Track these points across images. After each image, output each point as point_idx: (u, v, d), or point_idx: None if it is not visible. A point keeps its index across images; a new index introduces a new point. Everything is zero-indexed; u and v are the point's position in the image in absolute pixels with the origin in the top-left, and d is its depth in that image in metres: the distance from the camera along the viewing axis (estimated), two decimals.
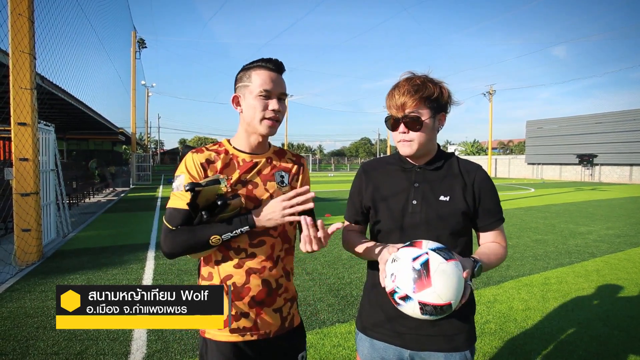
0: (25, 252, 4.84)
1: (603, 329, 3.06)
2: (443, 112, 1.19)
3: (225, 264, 1.20)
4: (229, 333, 1.19)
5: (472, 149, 57.58)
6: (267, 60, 1.20)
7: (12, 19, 4.70)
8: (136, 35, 24.60)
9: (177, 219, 1.14)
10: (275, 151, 1.32)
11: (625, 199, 14.23)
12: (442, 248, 1.01)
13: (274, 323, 1.25)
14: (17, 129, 4.82)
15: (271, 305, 1.24)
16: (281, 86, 1.21)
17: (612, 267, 4.87)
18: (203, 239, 1.11)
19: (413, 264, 0.98)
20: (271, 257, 1.23)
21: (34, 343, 2.74)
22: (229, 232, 1.12)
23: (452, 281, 0.96)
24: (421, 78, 1.16)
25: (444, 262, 0.97)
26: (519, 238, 6.71)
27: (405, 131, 1.15)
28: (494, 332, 3.02)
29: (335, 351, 2.69)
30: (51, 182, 6.07)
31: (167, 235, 1.14)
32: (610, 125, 29.47)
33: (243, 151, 1.24)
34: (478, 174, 1.21)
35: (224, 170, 1.19)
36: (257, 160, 1.24)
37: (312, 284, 4.09)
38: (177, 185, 1.17)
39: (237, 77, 1.24)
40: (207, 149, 1.23)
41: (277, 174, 1.27)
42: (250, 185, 1.21)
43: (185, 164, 1.19)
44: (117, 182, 18.64)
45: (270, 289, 1.23)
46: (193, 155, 1.20)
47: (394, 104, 1.15)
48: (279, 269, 1.26)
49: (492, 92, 34.81)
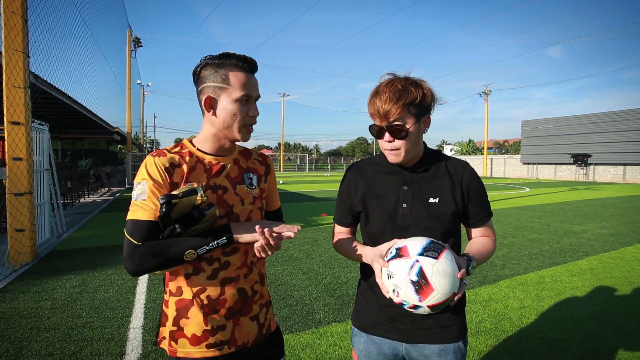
0: (19, 252, 4.80)
1: (597, 327, 3.08)
2: (427, 114, 1.16)
3: (197, 276, 1.10)
4: (205, 349, 1.11)
5: (468, 148, 57.86)
6: (242, 59, 1.09)
7: (5, 17, 4.65)
8: (131, 34, 24.44)
9: (142, 232, 1.00)
10: (240, 151, 1.23)
11: (619, 198, 14.35)
12: (428, 246, 1.02)
13: (251, 332, 1.19)
14: (11, 128, 4.78)
15: (248, 314, 1.18)
16: (257, 89, 1.12)
17: (605, 266, 4.91)
18: (176, 254, 1.01)
19: (410, 276, 0.99)
20: (245, 264, 1.16)
21: (28, 344, 2.72)
22: (204, 246, 1.03)
23: (449, 276, 0.99)
24: (402, 82, 1.11)
25: (436, 262, 0.99)
26: (514, 237, 6.75)
27: (391, 140, 1.13)
28: (489, 330, 3.04)
29: (331, 350, 2.70)
30: (45, 181, 6.02)
31: (132, 252, 1.00)
32: (605, 125, 29.70)
33: (208, 153, 1.14)
34: (465, 172, 1.22)
35: (190, 174, 1.08)
36: (224, 163, 1.15)
37: (308, 284, 4.09)
38: (138, 194, 1.03)
39: (202, 74, 1.10)
40: (169, 152, 1.10)
41: (246, 176, 1.20)
42: (220, 190, 1.12)
43: (147, 169, 1.05)
44: (112, 182, 18.52)
45: (245, 298, 1.17)
46: (155, 159, 1.05)
47: (377, 112, 1.11)
48: (254, 275, 1.20)
49: (488, 92, 34.98)
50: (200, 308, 1.11)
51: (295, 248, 5.69)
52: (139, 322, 3.13)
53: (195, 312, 1.11)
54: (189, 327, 1.11)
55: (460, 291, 1.01)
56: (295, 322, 3.15)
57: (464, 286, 1.02)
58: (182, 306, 1.12)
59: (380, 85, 1.14)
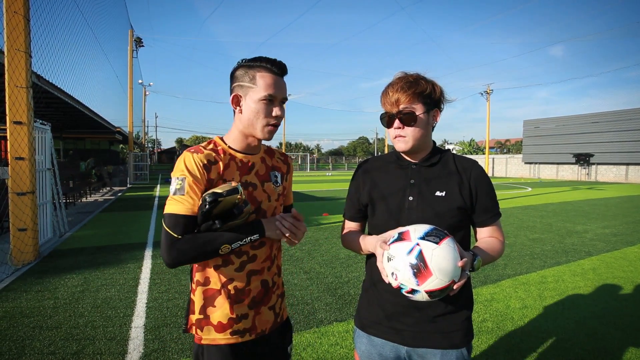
0: (22, 251, 4.81)
1: (599, 327, 3.07)
2: (437, 108, 1.22)
3: (226, 268, 1.16)
4: (229, 335, 1.17)
5: (470, 148, 57.73)
6: (271, 62, 1.14)
7: (7, 17, 4.66)
8: (133, 33, 24.48)
9: (181, 226, 1.06)
10: (265, 150, 1.30)
11: (621, 198, 14.30)
12: (430, 232, 1.01)
13: (269, 320, 1.26)
14: (13, 128, 4.79)
15: (267, 304, 1.25)
16: (284, 91, 1.17)
17: (608, 266, 4.89)
18: (213, 248, 1.07)
19: (409, 258, 0.98)
20: (269, 257, 1.24)
21: (30, 343, 2.73)
22: (239, 241, 1.09)
23: (449, 262, 0.97)
24: (414, 75, 1.19)
25: (437, 247, 0.98)
26: (516, 237, 6.73)
27: (400, 127, 1.17)
28: (491, 330, 3.03)
29: (332, 350, 2.69)
30: (47, 181, 6.03)
31: (171, 245, 1.05)
32: (607, 124, 29.58)
33: (239, 151, 1.20)
34: (474, 170, 1.22)
35: (225, 172, 1.14)
36: (253, 161, 1.22)
37: (310, 283, 4.09)
38: (177, 188, 1.08)
39: (235, 74, 1.17)
40: (205, 149, 1.15)
41: (272, 174, 1.26)
42: (250, 187, 1.18)
43: (186, 164, 1.09)
44: (114, 182, 18.55)
45: (267, 288, 1.24)
46: (194, 156, 1.10)
47: (388, 100, 1.17)
48: (275, 267, 1.27)
49: (490, 92, 34.88)
50: (227, 298, 1.17)
51: (296, 247, 5.69)
52: (141, 321, 3.14)
53: (222, 301, 1.16)
54: (215, 315, 1.17)
55: (462, 278, 1.00)
56: (297, 321, 3.15)
57: (465, 276, 1.01)
58: (209, 295, 1.17)
59: (394, 79, 1.21)
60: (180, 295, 3.73)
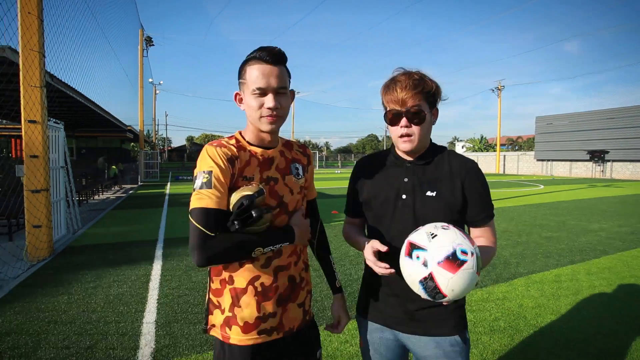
0: (37, 247, 4.91)
1: (616, 327, 3.00)
2: (436, 106, 1.24)
3: (252, 265, 1.12)
4: (257, 335, 1.13)
5: (480, 145, 56.99)
6: (262, 49, 1.09)
7: (22, 17, 4.74)
8: (143, 33, 24.74)
9: (212, 221, 1.01)
10: (283, 144, 1.27)
11: (638, 196, 13.96)
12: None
13: (297, 317, 1.22)
14: (27, 127, 4.88)
15: (295, 301, 1.21)
16: (277, 80, 1.08)
17: (625, 264, 4.78)
18: (248, 250, 1.04)
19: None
20: (295, 252, 1.21)
21: (45, 337, 2.78)
22: (270, 246, 1.07)
23: (467, 285, 0.97)
24: (418, 73, 1.18)
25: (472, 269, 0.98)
26: (529, 235, 6.62)
27: (408, 125, 1.17)
28: (503, 329, 2.98)
29: (343, 347, 2.68)
30: (61, 179, 6.14)
31: (205, 242, 0.99)
32: (622, 120, 28.89)
33: (257, 145, 1.17)
34: (468, 169, 1.21)
35: (246, 167, 1.11)
36: (272, 155, 1.19)
37: (320, 281, 4.08)
38: (204, 182, 1.03)
39: (238, 72, 1.16)
40: (228, 143, 1.13)
41: (292, 166, 1.23)
42: (272, 182, 1.16)
43: (211, 158, 1.06)
44: (125, 180, 18.84)
45: (294, 284, 1.20)
46: (217, 150, 1.08)
47: (395, 98, 1.16)
48: (301, 262, 1.25)
49: (501, 88, 34.36)
50: (254, 296, 1.13)
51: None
52: (152, 317, 3.17)
53: (248, 299, 1.12)
54: (242, 314, 1.13)
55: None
56: None
57: None
58: (235, 294, 1.13)
59: (397, 75, 1.20)
60: (190, 292, 3.76)
